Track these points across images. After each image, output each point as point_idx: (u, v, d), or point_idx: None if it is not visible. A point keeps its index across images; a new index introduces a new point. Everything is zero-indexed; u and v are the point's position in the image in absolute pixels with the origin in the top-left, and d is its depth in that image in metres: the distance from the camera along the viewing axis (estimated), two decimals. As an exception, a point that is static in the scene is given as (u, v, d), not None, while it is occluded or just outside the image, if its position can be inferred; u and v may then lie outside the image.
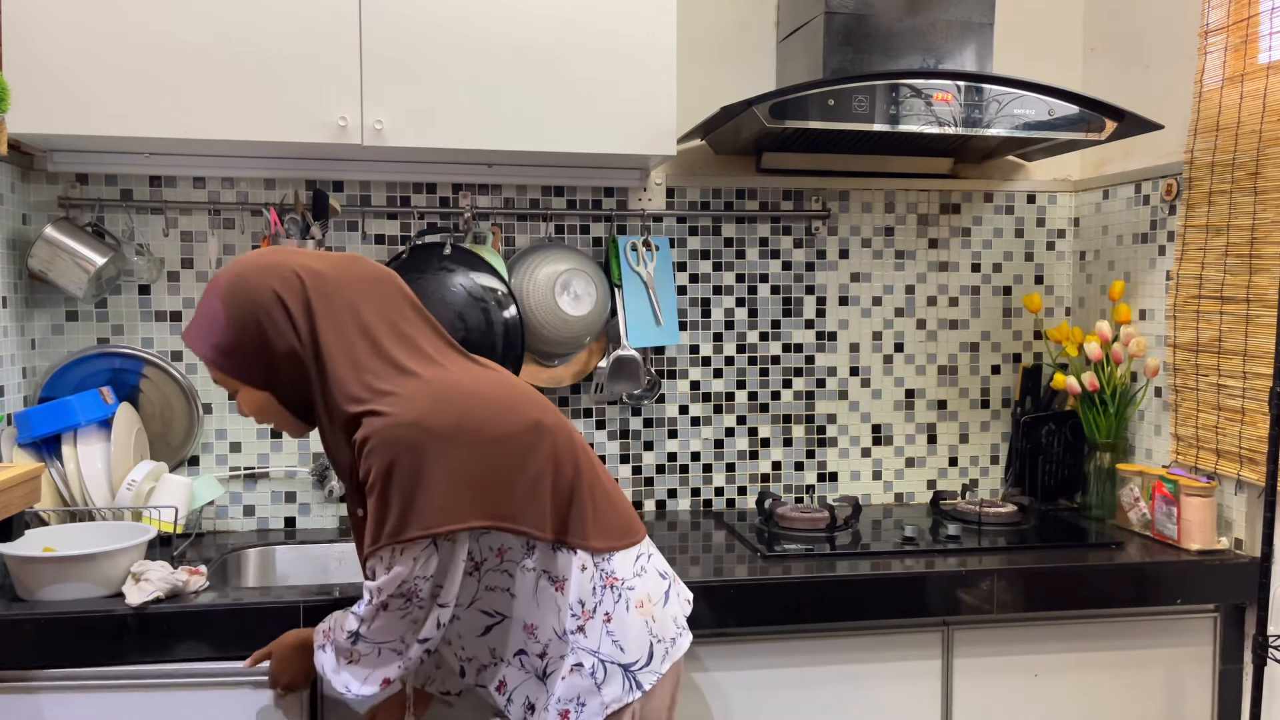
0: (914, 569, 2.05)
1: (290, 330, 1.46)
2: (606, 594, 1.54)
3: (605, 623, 1.54)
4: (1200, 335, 2.26)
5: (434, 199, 2.42)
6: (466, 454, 1.44)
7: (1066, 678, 2.12)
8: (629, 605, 1.55)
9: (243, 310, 1.46)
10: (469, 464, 1.44)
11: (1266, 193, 2.09)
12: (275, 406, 1.54)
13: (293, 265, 1.49)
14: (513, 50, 2.11)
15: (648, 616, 1.57)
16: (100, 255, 2.15)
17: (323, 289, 1.48)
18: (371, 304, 1.50)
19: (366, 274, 1.54)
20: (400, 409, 1.42)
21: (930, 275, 2.67)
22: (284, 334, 1.46)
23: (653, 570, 1.62)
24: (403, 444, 1.41)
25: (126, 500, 2.07)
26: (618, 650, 1.54)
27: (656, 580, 1.62)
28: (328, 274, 1.49)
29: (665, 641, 1.59)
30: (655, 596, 1.60)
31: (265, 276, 1.47)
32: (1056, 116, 2.17)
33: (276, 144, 2.07)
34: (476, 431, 1.45)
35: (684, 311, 2.56)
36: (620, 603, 1.55)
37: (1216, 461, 2.22)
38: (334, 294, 1.48)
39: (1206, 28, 2.23)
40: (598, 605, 1.53)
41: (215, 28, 2.00)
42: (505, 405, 1.50)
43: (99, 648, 1.74)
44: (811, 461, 2.64)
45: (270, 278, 1.47)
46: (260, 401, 1.54)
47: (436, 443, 1.42)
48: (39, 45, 1.95)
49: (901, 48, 2.27)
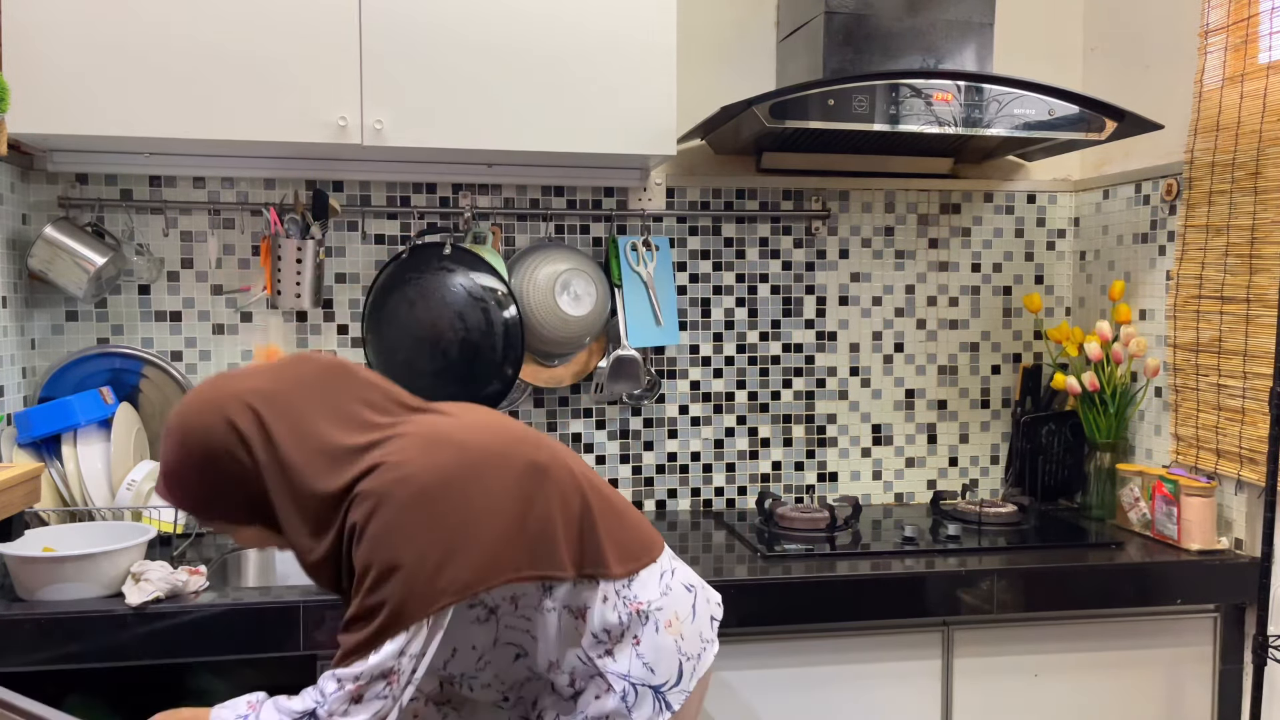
0: (914, 569, 2.05)
1: (253, 466, 1.36)
2: (633, 619, 1.49)
3: (634, 645, 1.49)
4: (1200, 335, 2.26)
5: (434, 199, 2.42)
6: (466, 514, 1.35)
7: (1066, 678, 2.12)
8: (658, 626, 1.51)
9: (206, 459, 1.36)
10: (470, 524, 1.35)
11: (1266, 193, 2.09)
12: (271, 535, 1.44)
13: (241, 396, 1.38)
14: (513, 50, 2.11)
15: (676, 635, 1.52)
16: (100, 255, 2.15)
17: (276, 411, 1.38)
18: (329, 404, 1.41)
19: (309, 375, 1.44)
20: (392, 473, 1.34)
21: (930, 275, 2.67)
22: (250, 471, 1.36)
23: (678, 585, 1.57)
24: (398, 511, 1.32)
25: (126, 500, 2.07)
26: (648, 672, 1.50)
27: (683, 595, 1.56)
28: (277, 391, 1.39)
29: (693, 659, 1.55)
30: (683, 614, 1.55)
31: (217, 417, 1.36)
32: (1056, 116, 2.17)
33: (276, 144, 2.07)
34: (469, 488, 1.37)
35: (684, 311, 2.56)
36: (649, 625, 1.50)
37: (1216, 461, 2.22)
38: (287, 411, 1.38)
39: (1206, 28, 2.23)
40: (625, 630, 1.49)
41: (215, 28, 2.00)
42: (497, 452, 1.42)
43: (99, 648, 1.74)
44: (811, 461, 2.64)
45: (222, 416, 1.36)
46: (255, 536, 1.44)
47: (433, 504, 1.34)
48: (39, 45, 1.95)
49: (901, 48, 2.27)
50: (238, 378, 1.41)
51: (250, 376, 1.41)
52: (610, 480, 2.55)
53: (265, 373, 1.42)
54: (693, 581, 1.60)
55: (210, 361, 2.35)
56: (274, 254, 2.23)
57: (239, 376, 1.41)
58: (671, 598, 1.54)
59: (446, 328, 2.29)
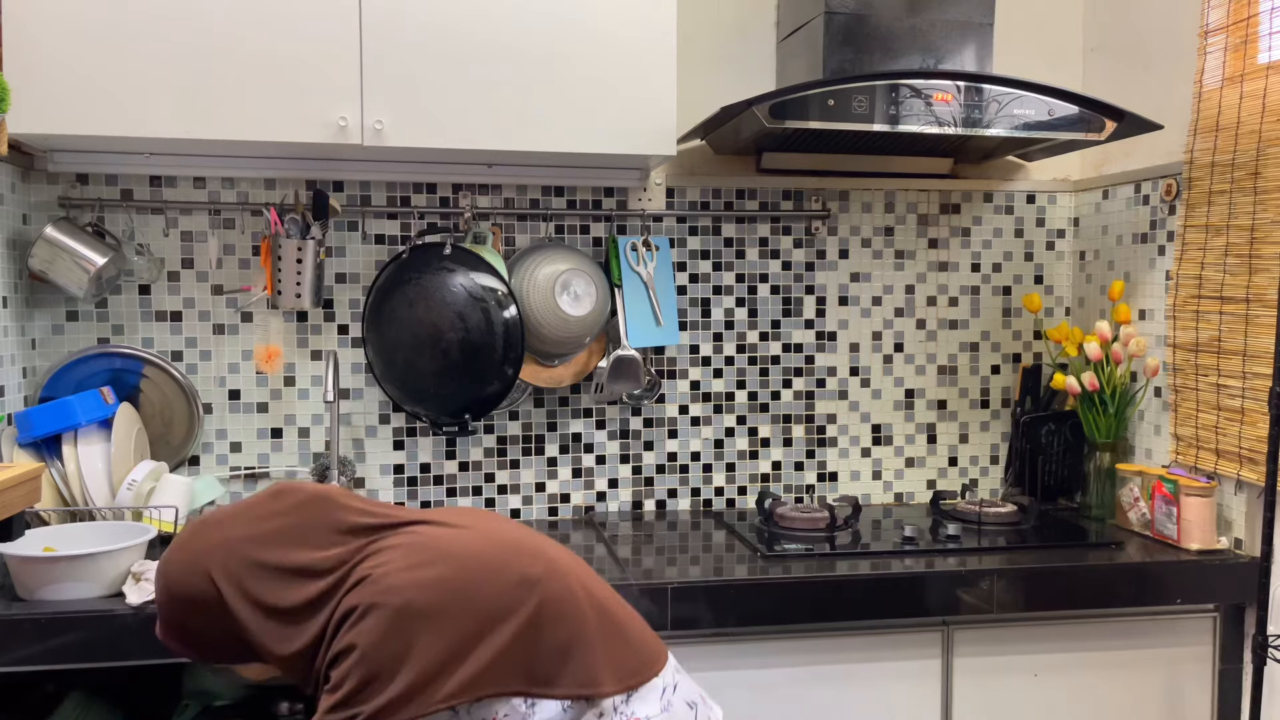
0: (914, 569, 2.05)
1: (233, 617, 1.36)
2: None
3: None
4: (1200, 335, 2.26)
5: (434, 199, 2.42)
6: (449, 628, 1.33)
7: (1066, 678, 2.12)
8: None
9: (191, 611, 1.38)
10: (453, 639, 1.32)
11: (1266, 193, 2.09)
12: (275, 670, 1.43)
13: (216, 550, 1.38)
14: (513, 50, 2.11)
15: None
16: (100, 255, 2.15)
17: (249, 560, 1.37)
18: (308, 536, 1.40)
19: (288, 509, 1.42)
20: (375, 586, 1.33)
21: (930, 275, 2.67)
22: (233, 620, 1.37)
23: (679, 702, 1.46)
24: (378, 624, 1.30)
25: (127, 500, 2.07)
26: None
27: (684, 712, 1.46)
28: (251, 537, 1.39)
29: None
30: None
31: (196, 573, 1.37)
32: (1056, 116, 2.17)
33: (276, 144, 2.07)
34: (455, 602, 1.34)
35: (684, 311, 2.56)
36: None
37: (1216, 461, 2.22)
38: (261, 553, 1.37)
39: (1206, 28, 2.23)
40: None
41: (215, 28, 2.00)
42: (489, 564, 1.39)
43: (99, 648, 1.74)
44: (811, 461, 2.64)
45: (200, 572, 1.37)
46: (260, 670, 1.44)
47: (417, 618, 1.31)
48: (39, 45, 1.95)
49: (901, 48, 2.27)
50: (215, 527, 1.40)
51: (226, 524, 1.40)
52: (610, 480, 2.55)
53: (241, 516, 1.41)
54: (694, 698, 1.50)
55: (210, 361, 2.35)
56: (274, 254, 2.24)
57: (217, 525, 1.41)
58: (670, 715, 1.45)
59: (447, 328, 2.29)
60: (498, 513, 1.53)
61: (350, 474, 2.39)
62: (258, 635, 1.36)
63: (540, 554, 1.43)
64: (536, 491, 2.52)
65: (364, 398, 2.43)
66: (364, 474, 2.44)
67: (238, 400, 2.37)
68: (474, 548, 1.40)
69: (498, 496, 2.50)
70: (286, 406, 2.40)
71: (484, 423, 2.48)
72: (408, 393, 2.34)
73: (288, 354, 2.39)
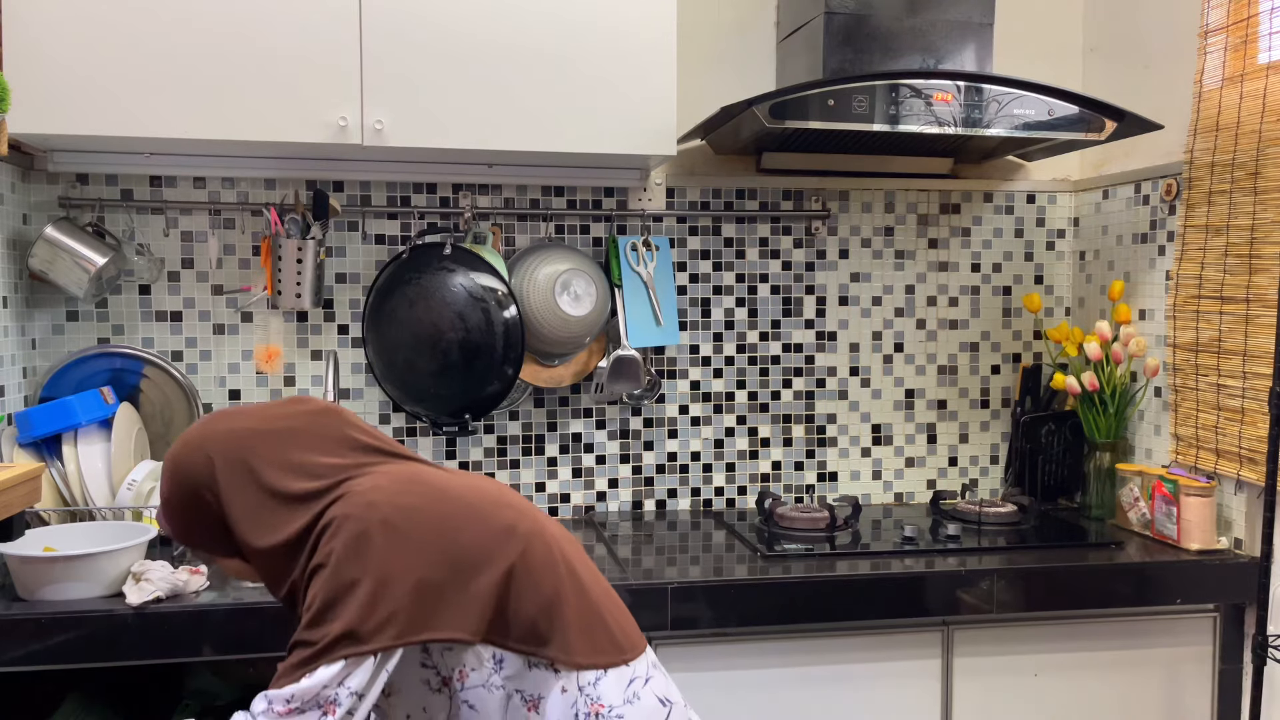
0: (914, 569, 2.05)
1: (219, 506, 1.38)
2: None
3: None
4: (1200, 335, 2.26)
5: (434, 199, 2.42)
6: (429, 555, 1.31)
7: (1066, 678, 2.12)
8: None
9: (185, 493, 1.39)
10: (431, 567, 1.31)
11: (1266, 193, 2.09)
12: (250, 569, 1.44)
13: (222, 437, 1.40)
14: (513, 50, 2.11)
15: None
16: (100, 255, 2.15)
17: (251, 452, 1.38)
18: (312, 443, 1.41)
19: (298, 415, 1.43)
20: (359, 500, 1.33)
21: (930, 275, 2.67)
22: (218, 510, 1.38)
23: (649, 696, 1.40)
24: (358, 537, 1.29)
25: (127, 500, 2.07)
26: None
27: (653, 708, 1.39)
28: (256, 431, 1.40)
29: None
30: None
31: (198, 455, 1.39)
32: (1056, 116, 2.17)
33: (276, 144, 2.07)
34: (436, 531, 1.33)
35: (684, 311, 2.56)
36: None
37: (1216, 461, 2.22)
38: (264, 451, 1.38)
39: (1206, 28, 2.23)
40: None
41: (215, 28, 2.00)
42: (475, 508, 1.38)
43: (99, 648, 1.74)
44: (811, 461, 2.64)
45: (202, 454, 1.39)
46: (237, 567, 1.45)
47: (395, 536, 1.30)
48: (39, 45, 1.95)
49: (901, 48, 2.27)
50: (225, 418, 1.43)
51: (238, 416, 1.42)
52: (610, 480, 2.55)
53: (254, 414, 1.43)
54: (670, 696, 1.43)
55: (210, 361, 2.35)
56: (274, 254, 2.24)
57: (228, 416, 1.43)
58: (637, 708, 1.38)
59: (447, 328, 2.29)
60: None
61: (350, 474, 2.39)
62: (242, 523, 1.36)
63: (529, 515, 1.43)
64: (537, 491, 2.52)
65: (364, 398, 2.43)
66: (364, 474, 2.43)
67: (238, 400, 2.37)
68: (465, 493, 1.40)
69: (498, 496, 2.50)
70: (286, 406, 2.39)
71: (484, 422, 2.48)
72: (408, 393, 2.35)
73: (288, 354, 2.39)
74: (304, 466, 1.38)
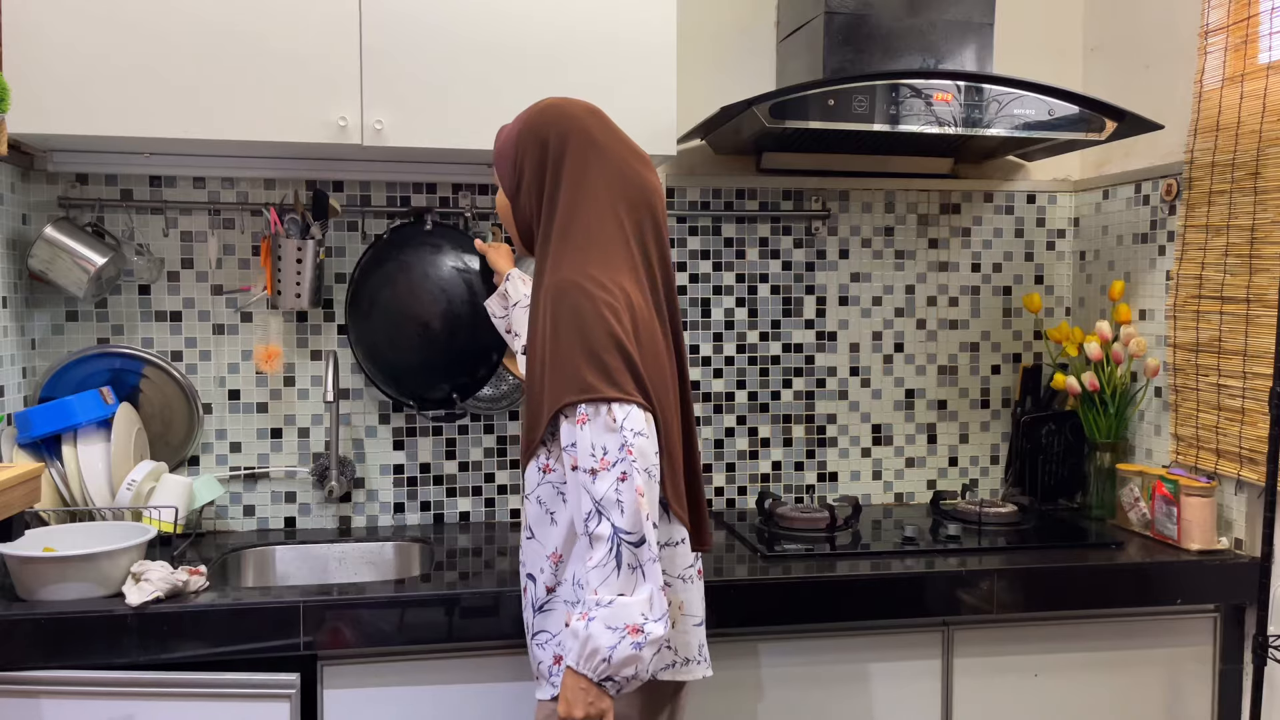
0: (914, 569, 2.05)
1: (539, 170, 1.59)
2: None
3: None
4: (1200, 335, 2.26)
5: (434, 199, 2.42)
6: None
7: (1066, 678, 2.12)
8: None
9: (528, 132, 1.61)
10: None
11: (1266, 193, 2.09)
12: (510, 219, 1.71)
13: (577, 126, 1.59)
14: (513, 50, 2.11)
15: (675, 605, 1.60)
16: (100, 255, 2.15)
17: (586, 159, 1.57)
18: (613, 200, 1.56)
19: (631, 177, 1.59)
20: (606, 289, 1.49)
21: (930, 275, 2.67)
22: (535, 170, 1.59)
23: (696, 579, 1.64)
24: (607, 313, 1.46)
25: (126, 500, 2.07)
26: None
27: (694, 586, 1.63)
28: (601, 145, 1.58)
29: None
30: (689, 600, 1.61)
31: (564, 120, 1.59)
32: (1056, 116, 2.17)
33: (276, 144, 2.07)
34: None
35: (684, 311, 2.56)
36: None
37: (1216, 461, 2.22)
38: (588, 168, 1.56)
39: (1206, 28, 2.23)
40: None
41: (215, 28, 2.00)
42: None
43: (99, 648, 1.74)
44: (811, 461, 2.64)
45: (560, 125, 1.59)
46: (503, 207, 1.72)
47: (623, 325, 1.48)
48: (39, 45, 1.95)
49: (901, 48, 2.27)
50: (593, 117, 1.62)
51: (608, 130, 1.62)
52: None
53: (621, 141, 1.62)
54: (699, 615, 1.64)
55: (210, 361, 2.35)
56: (274, 254, 2.24)
57: (593, 116, 1.62)
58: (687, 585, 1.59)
59: (428, 299, 2.33)
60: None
61: (350, 474, 2.39)
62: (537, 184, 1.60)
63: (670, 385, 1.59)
64: (536, 491, 2.51)
65: (364, 398, 2.43)
66: (364, 474, 2.43)
67: (237, 400, 2.37)
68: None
69: (497, 496, 2.50)
70: (286, 406, 2.40)
71: (484, 422, 2.48)
72: (392, 373, 2.36)
73: (287, 354, 2.39)
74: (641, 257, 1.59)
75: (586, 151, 1.57)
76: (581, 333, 1.44)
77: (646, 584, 1.40)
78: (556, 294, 1.48)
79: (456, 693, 1.89)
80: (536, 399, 1.52)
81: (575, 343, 1.44)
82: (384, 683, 1.86)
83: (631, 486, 1.39)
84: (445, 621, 1.86)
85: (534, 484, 1.56)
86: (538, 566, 1.57)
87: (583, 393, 1.42)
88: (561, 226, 1.54)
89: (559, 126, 1.59)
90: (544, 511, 1.55)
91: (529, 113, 1.63)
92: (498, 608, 1.87)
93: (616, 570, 1.39)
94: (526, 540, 1.61)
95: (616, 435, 1.41)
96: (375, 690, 1.86)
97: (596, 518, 1.40)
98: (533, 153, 1.60)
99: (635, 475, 1.40)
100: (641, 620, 1.39)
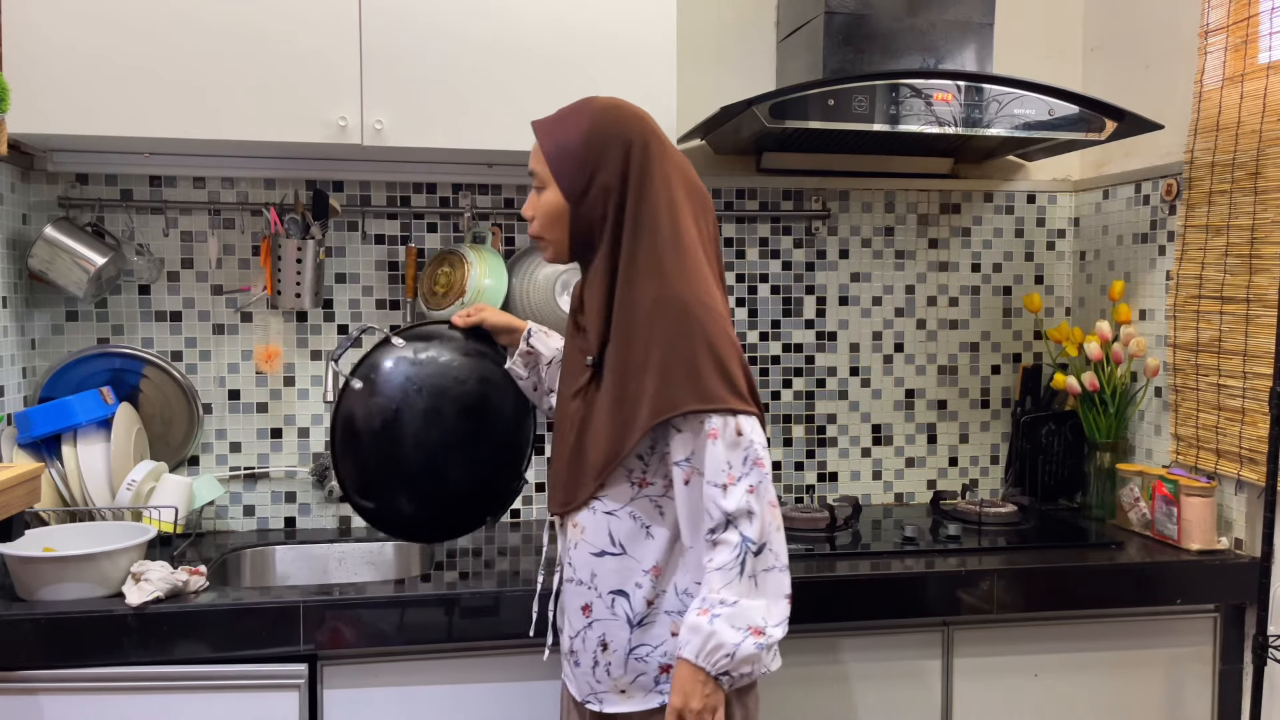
0: (914, 569, 2.05)
1: (621, 177, 1.52)
2: None
3: None
4: (1200, 335, 2.26)
5: (434, 199, 2.42)
6: None
7: (1066, 678, 2.12)
8: None
9: (601, 132, 1.54)
10: None
11: (1266, 193, 2.09)
12: (563, 223, 1.57)
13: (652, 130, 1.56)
14: (513, 50, 2.11)
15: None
16: (100, 255, 2.15)
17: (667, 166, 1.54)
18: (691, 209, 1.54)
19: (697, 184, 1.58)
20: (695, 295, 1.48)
21: (930, 275, 2.67)
22: (614, 174, 1.52)
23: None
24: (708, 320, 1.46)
25: (126, 500, 2.07)
26: None
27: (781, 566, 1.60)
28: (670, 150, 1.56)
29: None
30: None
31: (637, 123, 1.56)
32: (1056, 116, 2.17)
33: (276, 144, 2.07)
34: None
35: (684, 311, 2.55)
36: None
37: (1216, 461, 2.22)
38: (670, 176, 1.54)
39: (1206, 28, 2.23)
40: None
41: (215, 28, 2.00)
42: None
43: (99, 648, 1.74)
44: (811, 461, 2.64)
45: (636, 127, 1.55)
46: (555, 208, 1.57)
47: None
48: (39, 45, 1.95)
49: (901, 48, 2.27)
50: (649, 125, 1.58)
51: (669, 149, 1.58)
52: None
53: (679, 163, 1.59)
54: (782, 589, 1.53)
55: (210, 361, 2.35)
56: (274, 254, 2.24)
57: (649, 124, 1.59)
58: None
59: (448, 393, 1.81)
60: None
61: (350, 474, 2.39)
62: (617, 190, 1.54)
63: None
64: (537, 491, 2.52)
65: (364, 398, 2.42)
66: (364, 474, 2.43)
67: (237, 400, 2.37)
68: None
69: (498, 496, 2.49)
70: (286, 406, 2.40)
71: (484, 423, 2.48)
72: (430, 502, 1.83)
73: (287, 354, 2.39)
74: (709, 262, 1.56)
75: (666, 157, 1.54)
76: (709, 344, 1.44)
77: (769, 591, 1.43)
78: (679, 307, 1.45)
79: (456, 693, 1.89)
80: (631, 406, 1.48)
81: (701, 354, 1.43)
82: (384, 683, 1.86)
83: (762, 499, 1.42)
84: (445, 621, 1.86)
85: (625, 499, 1.53)
86: (632, 582, 1.53)
87: (706, 401, 1.42)
88: (652, 235, 1.50)
89: (639, 128, 1.55)
90: (639, 526, 1.53)
91: (593, 111, 1.57)
92: (498, 608, 1.87)
93: (739, 574, 1.41)
94: (613, 556, 1.53)
95: (744, 448, 1.43)
96: (375, 690, 1.86)
97: (724, 526, 1.42)
98: (612, 154, 1.53)
99: (766, 488, 1.43)
100: (763, 623, 1.42)
